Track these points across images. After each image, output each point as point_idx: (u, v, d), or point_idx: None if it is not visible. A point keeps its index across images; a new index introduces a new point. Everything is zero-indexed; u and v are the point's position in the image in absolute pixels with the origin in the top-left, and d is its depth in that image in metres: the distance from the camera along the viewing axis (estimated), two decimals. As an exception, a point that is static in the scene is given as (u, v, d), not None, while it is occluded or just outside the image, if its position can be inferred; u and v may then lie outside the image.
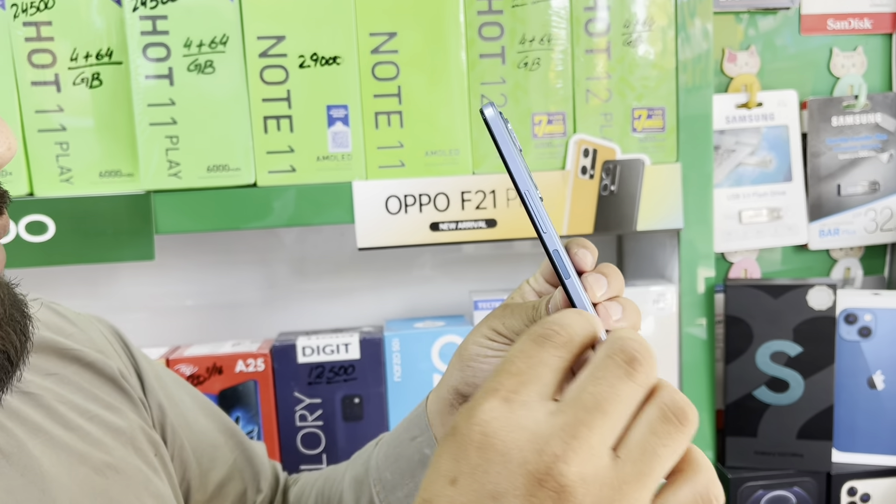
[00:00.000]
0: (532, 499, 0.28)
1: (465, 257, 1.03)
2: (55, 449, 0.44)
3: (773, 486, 0.85)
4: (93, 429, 0.47)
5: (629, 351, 0.31)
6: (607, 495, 0.28)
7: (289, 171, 0.75)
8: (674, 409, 0.31)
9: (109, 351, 0.53)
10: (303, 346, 0.83)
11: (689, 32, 0.79)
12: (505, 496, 0.28)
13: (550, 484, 0.28)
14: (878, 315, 0.86)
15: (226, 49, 0.73)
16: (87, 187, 0.74)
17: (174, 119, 0.73)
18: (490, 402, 0.30)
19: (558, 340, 0.32)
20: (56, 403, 0.46)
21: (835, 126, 0.94)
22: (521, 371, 0.31)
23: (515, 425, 0.29)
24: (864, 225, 0.96)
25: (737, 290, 0.84)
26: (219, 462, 0.58)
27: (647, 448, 0.30)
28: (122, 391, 0.52)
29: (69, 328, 0.52)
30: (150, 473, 0.49)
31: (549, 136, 0.79)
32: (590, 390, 0.30)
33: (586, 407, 0.29)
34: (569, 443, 0.28)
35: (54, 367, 0.48)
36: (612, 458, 0.29)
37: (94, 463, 0.45)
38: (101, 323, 0.56)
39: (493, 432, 0.29)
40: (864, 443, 0.87)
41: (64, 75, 0.72)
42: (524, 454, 0.29)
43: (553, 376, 0.31)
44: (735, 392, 0.85)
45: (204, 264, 0.99)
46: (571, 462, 0.28)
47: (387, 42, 0.75)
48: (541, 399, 0.30)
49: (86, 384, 0.49)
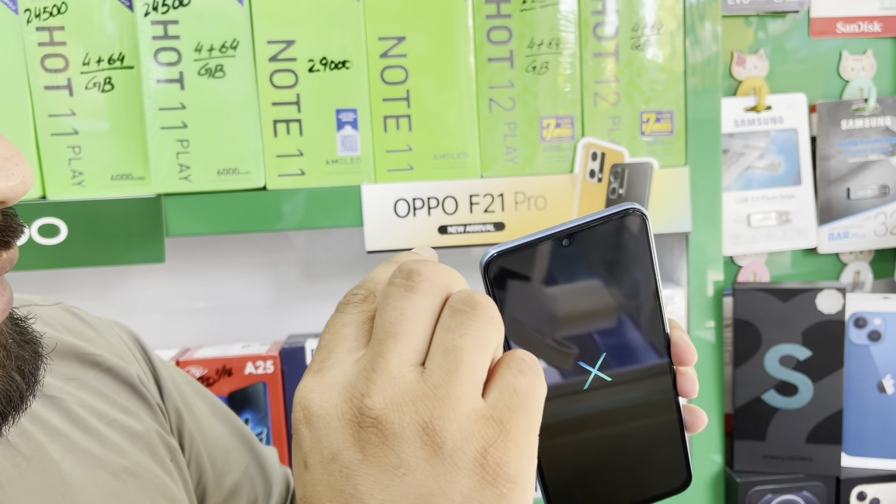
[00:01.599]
0: (361, 443, 0.28)
1: (474, 260, 1.03)
2: (75, 453, 0.44)
3: (782, 491, 0.84)
4: (111, 433, 0.48)
5: (406, 268, 0.30)
6: (424, 406, 0.28)
7: (298, 174, 0.75)
8: (460, 301, 0.30)
9: (128, 356, 0.54)
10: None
11: (697, 36, 0.79)
12: (340, 453, 0.28)
13: (367, 422, 0.28)
14: (887, 319, 0.85)
15: (236, 53, 0.73)
16: (98, 190, 0.74)
17: (185, 123, 0.73)
18: (305, 380, 0.30)
19: (356, 300, 0.32)
20: (76, 407, 0.47)
21: (844, 129, 0.94)
22: (328, 341, 0.31)
23: (327, 386, 0.29)
24: (873, 228, 0.96)
25: (745, 293, 0.84)
26: (232, 467, 0.59)
27: (446, 346, 0.29)
28: (141, 396, 0.52)
29: (89, 332, 0.53)
30: (165, 478, 0.50)
31: (557, 140, 0.79)
32: (378, 322, 0.30)
33: (378, 339, 0.29)
34: (370, 377, 0.28)
35: (75, 371, 0.49)
36: (419, 373, 0.29)
37: (112, 467, 0.46)
38: (120, 328, 0.57)
39: (310, 402, 0.29)
40: (873, 447, 0.86)
41: (76, 79, 0.73)
42: (339, 408, 0.29)
43: (358, 330, 0.31)
44: (744, 396, 0.85)
45: (214, 267, 1.00)
46: (374, 394, 0.28)
47: (395, 46, 0.75)
48: (349, 354, 0.30)
49: (105, 389, 0.50)
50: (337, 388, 0.29)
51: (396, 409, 0.28)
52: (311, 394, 0.29)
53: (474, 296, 0.30)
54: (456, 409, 0.28)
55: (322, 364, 0.30)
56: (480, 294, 0.30)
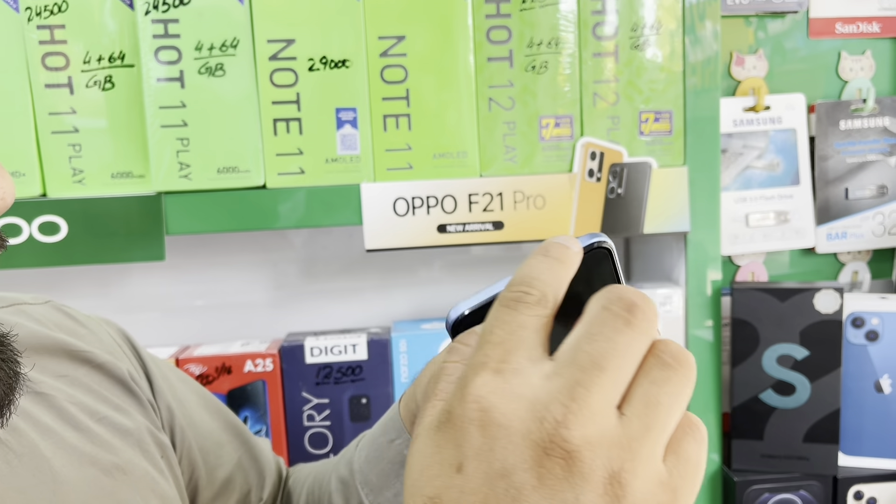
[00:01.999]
0: (541, 469, 0.27)
1: (473, 259, 1.04)
2: (65, 450, 0.44)
3: (779, 490, 0.85)
4: (102, 430, 0.48)
5: (627, 299, 0.29)
6: (617, 455, 0.27)
7: (298, 173, 0.76)
8: (670, 354, 0.29)
9: (118, 353, 0.54)
10: (311, 347, 0.84)
11: (697, 35, 0.79)
12: (514, 472, 0.27)
13: (557, 451, 0.27)
14: (885, 319, 0.85)
15: (236, 52, 0.74)
16: (99, 188, 0.75)
17: (185, 121, 0.74)
18: (481, 376, 0.28)
19: (531, 300, 0.30)
20: (67, 404, 0.47)
21: (843, 129, 0.94)
22: (503, 339, 0.29)
23: (512, 395, 0.28)
24: (871, 228, 0.96)
25: (744, 293, 0.84)
26: (224, 460, 0.59)
27: (649, 399, 0.28)
28: (131, 393, 0.52)
29: (80, 330, 0.53)
30: (156, 475, 0.50)
31: (556, 139, 0.79)
32: (585, 348, 0.28)
33: (583, 366, 0.28)
34: (568, 406, 0.27)
35: (65, 368, 0.49)
36: (617, 417, 0.28)
37: (103, 464, 0.46)
38: (110, 325, 0.57)
39: (491, 406, 0.28)
40: (870, 447, 0.87)
41: (77, 78, 0.73)
42: (526, 424, 0.27)
43: (537, 336, 0.29)
44: (741, 395, 0.86)
45: (213, 265, 1.00)
46: (573, 426, 0.27)
47: (395, 45, 0.76)
48: (532, 363, 0.29)
49: (95, 386, 0.50)
50: (525, 402, 0.28)
51: (590, 449, 0.27)
52: (494, 398, 0.28)
53: (683, 352, 0.29)
54: (645, 468, 0.27)
55: (501, 365, 0.28)
56: (687, 352, 0.30)
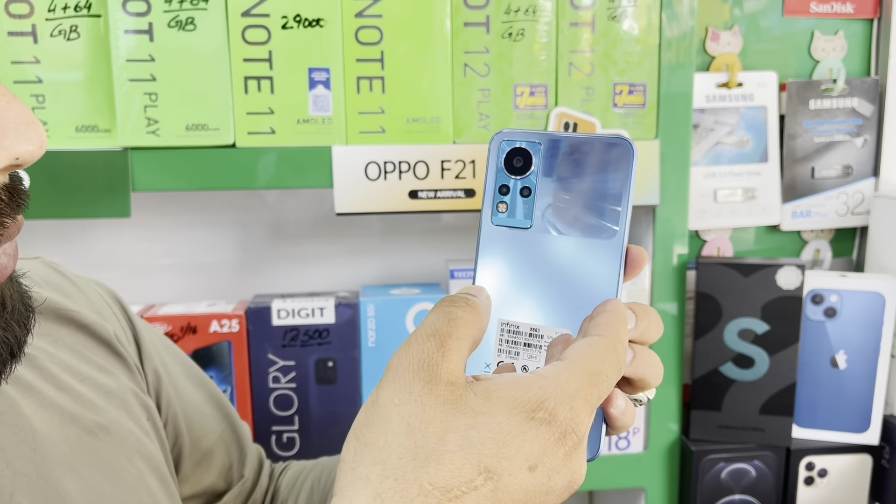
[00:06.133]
0: None
1: (444, 226, 1.04)
2: (47, 409, 0.44)
3: (734, 460, 0.87)
4: (85, 390, 0.47)
5: None
6: None
7: (268, 133, 0.75)
8: None
9: (108, 314, 0.53)
10: (278, 309, 0.83)
11: (674, 10, 0.79)
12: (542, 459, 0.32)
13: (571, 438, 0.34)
14: (843, 296, 0.88)
15: (207, 6, 0.72)
16: (63, 142, 0.73)
17: (153, 76, 0.72)
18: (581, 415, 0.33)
19: (606, 384, 0.35)
20: (49, 364, 0.46)
21: (812, 109, 0.95)
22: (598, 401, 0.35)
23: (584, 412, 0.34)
24: (835, 208, 0.98)
25: (708, 267, 0.86)
26: (207, 431, 0.59)
27: None
28: (117, 354, 0.52)
29: (69, 287, 0.52)
30: (141, 436, 0.50)
31: (530, 108, 0.79)
32: None
33: None
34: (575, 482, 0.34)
35: (49, 328, 0.48)
36: None
37: (86, 424, 0.46)
38: (101, 287, 0.56)
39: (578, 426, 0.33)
40: (824, 420, 0.89)
41: (41, 26, 0.71)
42: None
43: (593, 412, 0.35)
44: (702, 367, 0.87)
45: (181, 224, 0.98)
46: None
47: (371, 6, 0.74)
48: None
49: (79, 346, 0.50)
50: None
51: None
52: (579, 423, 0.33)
53: None
54: None
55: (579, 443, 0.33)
56: None
